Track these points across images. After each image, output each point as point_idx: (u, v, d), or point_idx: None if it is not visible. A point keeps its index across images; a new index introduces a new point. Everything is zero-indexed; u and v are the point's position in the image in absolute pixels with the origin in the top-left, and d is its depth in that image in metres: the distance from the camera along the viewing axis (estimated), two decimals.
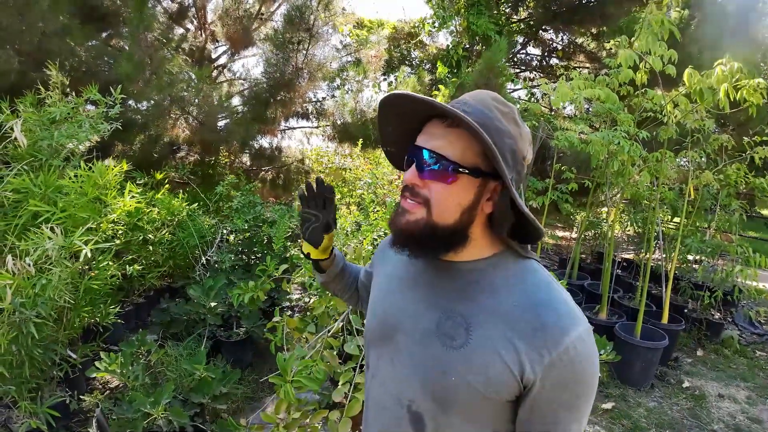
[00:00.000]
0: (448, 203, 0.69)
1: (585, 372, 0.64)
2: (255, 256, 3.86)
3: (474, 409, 0.69)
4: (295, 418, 1.50)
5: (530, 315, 0.65)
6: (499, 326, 0.67)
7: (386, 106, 0.73)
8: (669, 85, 3.61)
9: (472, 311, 0.70)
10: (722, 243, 4.25)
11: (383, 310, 0.83)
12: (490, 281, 0.72)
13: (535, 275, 0.71)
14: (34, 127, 2.45)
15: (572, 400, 0.65)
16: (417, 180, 0.69)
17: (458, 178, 0.67)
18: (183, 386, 2.20)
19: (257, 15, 5.13)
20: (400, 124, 0.76)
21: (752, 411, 3.16)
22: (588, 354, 0.64)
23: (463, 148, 0.67)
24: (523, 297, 0.68)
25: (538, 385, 0.64)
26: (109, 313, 2.53)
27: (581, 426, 0.69)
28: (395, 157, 0.84)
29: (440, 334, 0.71)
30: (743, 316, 4.81)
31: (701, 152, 3.76)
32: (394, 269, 0.86)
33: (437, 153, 0.67)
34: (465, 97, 0.72)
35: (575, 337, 0.63)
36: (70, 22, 3.28)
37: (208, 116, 4.48)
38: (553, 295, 0.68)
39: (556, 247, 7.73)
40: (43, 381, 2.18)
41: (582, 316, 0.67)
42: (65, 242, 1.88)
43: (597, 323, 3.60)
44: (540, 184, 4.68)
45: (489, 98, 0.72)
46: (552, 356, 0.63)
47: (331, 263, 1.08)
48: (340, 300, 2.06)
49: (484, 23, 6.12)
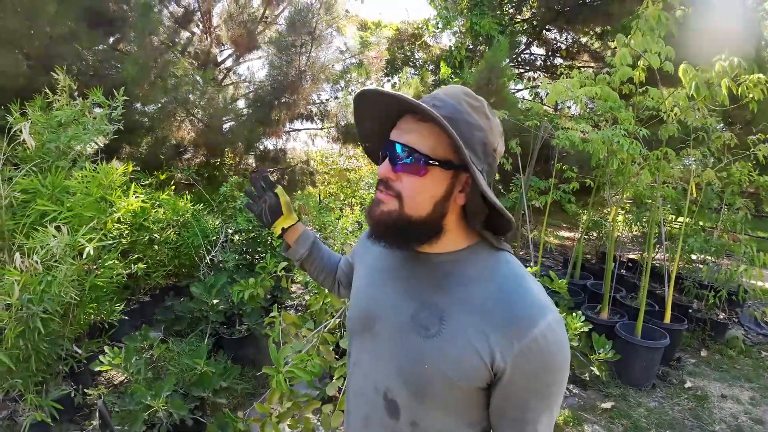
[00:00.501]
0: (421, 195, 0.71)
1: (555, 360, 0.66)
2: (258, 256, 3.92)
3: (447, 397, 0.71)
4: (288, 408, 1.54)
5: (501, 305, 0.68)
6: (472, 316, 0.69)
7: (359, 102, 0.76)
8: (670, 83, 3.60)
9: (446, 302, 0.72)
10: (727, 242, 4.21)
11: (364, 301, 0.85)
12: (464, 273, 0.74)
13: (507, 266, 0.74)
14: (42, 129, 2.54)
15: (543, 388, 0.67)
16: (390, 174, 0.72)
17: (430, 171, 0.70)
18: (184, 380, 2.25)
19: (261, 18, 5.21)
20: (376, 120, 0.79)
21: (755, 412, 3.13)
22: (557, 343, 0.66)
23: (434, 142, 0.69)
24: (494, 288, 0.70)
25: (508, 373, 0.66)
26: (115, 311, 2.59)
27: (552, 415, 0.71)
28: (373, 152, 0.86)
29: (416, 325, 0.73)
30: (748, 316, 4.76)
31: (705, 150, 3.74)
32: (374, 261, 0.89)
33: (409, 147, 0.69)
34: (438, 92, 0.75)
35: (544, 327, 0.65)
36: (77, 26, 3.37)
37: (213, 118, 4.56)
38: (524, 286, 0.70)
39: (560, 247, 7.69)
40: (48, 375, 2.24)
41: (552, 306, 0.69)
42: (69, 240, 1.94)
43: (598, 323, 3.59)
44: (542, 183, 4.68)
45: (461, 93, 0.74)
46: (521, 345, 0.65)
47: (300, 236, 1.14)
48: (335, 297, 2.10)
49: (488, 23, 6.13)
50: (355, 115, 0.80)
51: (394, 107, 0.73)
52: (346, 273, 1.12)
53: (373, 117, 0.78)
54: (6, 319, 1.84)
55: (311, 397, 1.70)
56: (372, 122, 0.80)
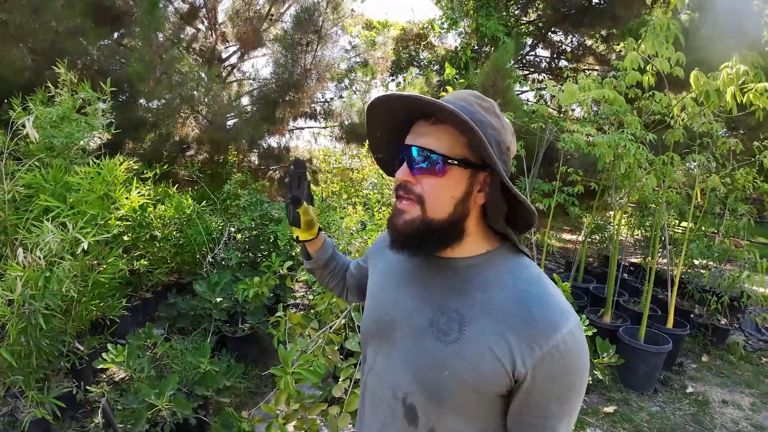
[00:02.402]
0: (441, 196, 0.71)
1: (575, 366, 0.66)
2: (261, 254, 3.91)
3: (466, 403, 0.70)
4: (294, 409, 1.53)
5: (522, 310, 0.67)
6: (492, 321, 0.68)
7: (374, 109, 0.76)
8: (677, 88, 3.59)
9: (466, 307, 0.72)
10: (729, 248, 4.20)
11: (380, 307, 0.85)
12: (484, 277, 0.73)
13: (527, 271, 0.73)
14: (44, 124, 2.51)
15: (562, 393, 0.66)
16: (409, 177, 0.72)
17: (448, 171, 0.70)
18: (187, 379, 2.24)
19: (267, 16, 5.19)
20: (388, 128, 0.79)
21: (756, 418, 3.13)
22: (578, 348, 0.66)
23: (450, 142, 0.70)
24: (515, 292, 0.69)
25: (528, 378, 0.65)
26: (116, 307, 2.57)
27: (571, 421, 0.70)
28: (385, 162, 0.87)
29: (434, 330, 0.73)
30: (750, 322, 4.76)
31: (710, 156, 3.73)
32: (389, 266, 0.88)
33: (426, 149, 0.70)
34: (447, 96, 0.76)
35: (566, 332, 0.65)
36: (83, 22, 3.36)
37: (218, 115, 4.54)
38: (544, 290, 0.69)
39: (563, 250, 7.68)
40: (50, 372, 2.22)
41: (572, 311, 0.69)
42: (66, 236, 1.93)
43: (601, 326, 3.58)
44: (547, 186, 4.67)
45: (469, 95, 0.75)
46: (543, 350, 0.64)
47: (319, 248, 1.11)
48: (342, 301, 2.09)
49: (494, 25, 6.11)
50: (367, 125, 0.80)
51: (405, 114, 0.74)
52: (356, 278, 1.11)
53: (384, 126, 0.79)
54: (8, 315, 1.83)
55: (317, 398, 1.69)
56: (383, 132, 0.80)
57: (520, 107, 5.13)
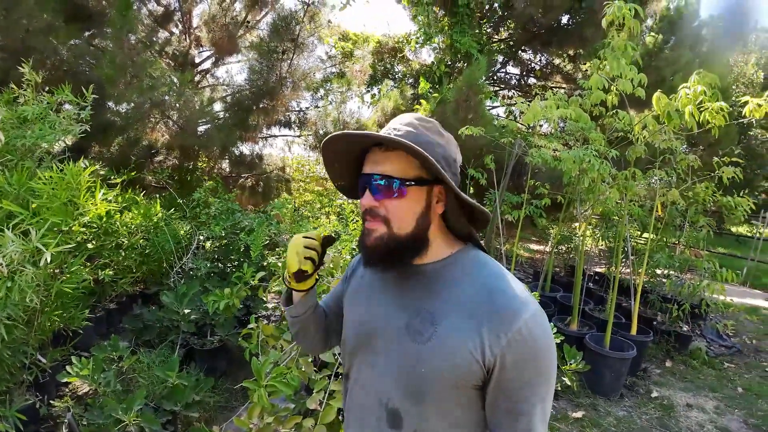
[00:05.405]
0: (404, 215, 0.79)
1: (541, 348, 0.71)
2: (231, 264, 3.83)
3: (445, 399, 0.75)
4: (268, 423, 1.50)
5: (486, 301, 0.73)
6: (462, 316, 0.74)
7: (328, 147, 0.81)
8: (640, 107, 3.78)
9: (436, 305, 0.78)
10: (690, 258, 4.42)
11: (360, 321, 0.88)
12: (451, 275, 0.80)
13: (488, 267, 0.80)
14: (6, 126, 2.40)
15: (533, 377, 0.71)
16: (373, 202, 0.78)
17: (407, 191, 0.77)
18: (155, 393, 2.16)
19: (243, 22, 5.15)
20: (344, 160, 0.85)
21: (721, 421, 3.26)
22: (541, 332, 0.72)
23: (404, 165, 0.77)
24: (480, 287, 0.76)
25: (498, 365, 0.70)
26: (80, 318, 2.46)
27: (546, 407, 0.74)
28: (347, 189, 0.92)
29: (411, 332, 0.78)
30: (711, 328, 5.00)
31: (671, 171, 3.94)
32: (363, 283, 0.93)
33: (385, 175, 0.77)
34: (393, 122, 0.82)
35: (527, 317, 0.71)
36: (54, 19, 3.24)
37: (189, 121, 4.45)
38: (506, 283, 0.76)
39: (530, 260, 7.88)
40: (12, 384, 2.13)
41: (533, 299, 0.75)
42: (26, 245, 1.84)
43: (568, 334, 3.68)
44: (515, 198, 4.80)
45: (413, 119, 0.82)
46: (508, 336, 0.70)
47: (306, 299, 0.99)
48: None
49: (468, 41, 6.29)
50: (324, 159, 0.86)
51: (358, 145, 0.82)
52: (336, 314, 1.04)
53: (341, 158, 0.85)
54: None
55: (291, 411, 1.66)
56: (341, 162, 0.86)
57: (491, 122, 5.27)
